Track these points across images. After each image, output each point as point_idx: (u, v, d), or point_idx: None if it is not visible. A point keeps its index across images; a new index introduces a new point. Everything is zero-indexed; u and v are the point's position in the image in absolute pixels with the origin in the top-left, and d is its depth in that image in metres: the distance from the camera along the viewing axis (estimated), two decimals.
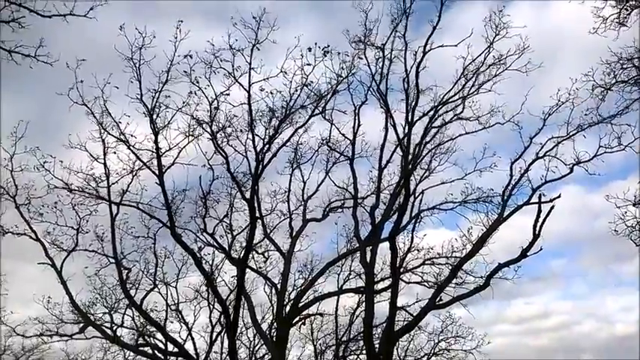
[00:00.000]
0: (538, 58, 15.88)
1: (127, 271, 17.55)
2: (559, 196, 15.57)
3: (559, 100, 15.77)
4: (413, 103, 16.66)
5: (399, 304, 17.17)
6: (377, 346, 16.26)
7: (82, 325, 17.86)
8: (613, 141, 15.17)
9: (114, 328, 18.48)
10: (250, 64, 14.70)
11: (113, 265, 17.04)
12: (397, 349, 20.86)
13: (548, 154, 15.97)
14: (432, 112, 17.03)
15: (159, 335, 19.23)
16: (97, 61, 15.02)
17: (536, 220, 15.39)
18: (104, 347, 25.89)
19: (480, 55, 16.39)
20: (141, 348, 19.09)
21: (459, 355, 22.52)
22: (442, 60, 17.00)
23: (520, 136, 16.40)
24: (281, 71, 14.96)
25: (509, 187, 16.39)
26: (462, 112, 17.01)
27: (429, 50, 16.20)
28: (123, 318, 19.04)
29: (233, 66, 14.85)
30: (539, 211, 15.45)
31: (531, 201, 15.87)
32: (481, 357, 21.62)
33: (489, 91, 16.60)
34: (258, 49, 14.73)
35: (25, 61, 10.12)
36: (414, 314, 17.27)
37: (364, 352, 18.71)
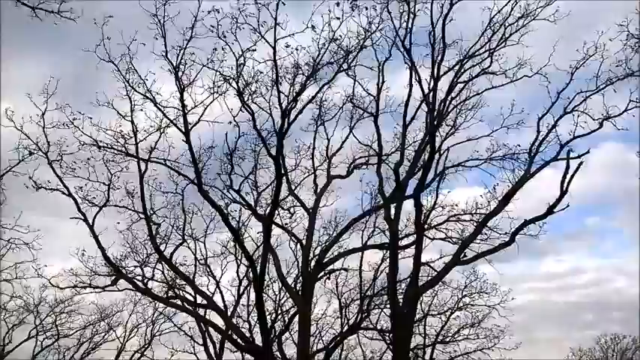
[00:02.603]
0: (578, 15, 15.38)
1: (156, 226, 17.99)
2: (588, 152, 15.40)
3: (586, 53, 15.35)
4: (439, 58, 16.37)
5: (423, 260, 17.37)
6: (401, 300, 16.54)
7: (114, 277, 18.43)
8: None
9: (145, 281, 19.02)
10: (276, 19, 14.55)
11: (143, 220, 17.45)
12: (421, 303, 21.22)
13: (576, 108, 15.66)
14: (457, 67, 16.71)
15: (188, 288, 19.82)
16: (122, 18, 15.03)
17: (564, 177, 15.24)
18: (135, 300, 27.19)
19: (506, 4, 15.88)
20: (171, 300, 19.75)
21: (483, 311, 22.88)
22: (469, 12, 16.57)
23: (548, 92, 16.08)
24: (307, 27, 14.76)
25: (537, 144, 16.17)
26: (489, 66, 16.61)
27: (457, 1, 15.75)
28: (153, 271, 19.55)
29: (258, 21, 14.73)
30: (567, 167, 15.29)
31: (559, 157, 15.69)
32: (505, 312, 21.93)
33: (517, 43, 16.16)
34: (284, 4, 14.51)
35: (49, 18, 10.14)
36: (438, 270, 17.46)
37: (388, 306, 19.06)
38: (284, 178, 17.79)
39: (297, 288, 19.50)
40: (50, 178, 16.84)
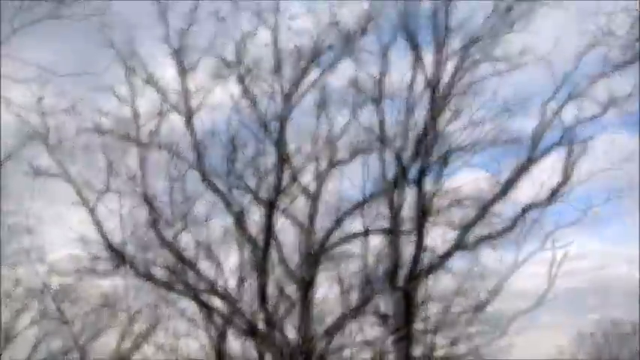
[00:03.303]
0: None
1: (158, 211, 17.93)
2: (591, 138, 15.36)
3: (594, 37, 15.18)
4: (442, 43, 16.25)
5: (425, 245, 17.36)
6: (402, 285, 16.56)
7: (115, 263, 18.41)
8: None
9: (147, 267, 18.97)
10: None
11: (144, 205, 17.40)
12: (422, 289, 21.22)
13: (582, 94, 15.56)
14: (462, 52, 16.58)
15: (190, 273, 19.79)
16: (124, 3, 14.89)
17: (567, 162, 15.21)
18: (137, 285, 27.20)
19: None
20: (173, 285, 19.73)
21: (484, 296, 22.84)
22: None
23: (552, 75, 15.96)
24: (308, 11, 14.66)
25: (541, 129, 16.09)
26: (493, 50, 16.48)
27: None
28: (155, 257, 19.50)
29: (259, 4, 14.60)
30: (570, 152, 15.25)
31: (563, 142, 15.63)
32: (507, 297, 21.88)
33: (523, 29, 15.99)
34: None
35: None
36: (440, 255, 17.45)
37: (389, 291, 19.07)
38: (286, 163, 17.76)
39: (300, 273, 19.52)
40: (50, 164, 16.80)
